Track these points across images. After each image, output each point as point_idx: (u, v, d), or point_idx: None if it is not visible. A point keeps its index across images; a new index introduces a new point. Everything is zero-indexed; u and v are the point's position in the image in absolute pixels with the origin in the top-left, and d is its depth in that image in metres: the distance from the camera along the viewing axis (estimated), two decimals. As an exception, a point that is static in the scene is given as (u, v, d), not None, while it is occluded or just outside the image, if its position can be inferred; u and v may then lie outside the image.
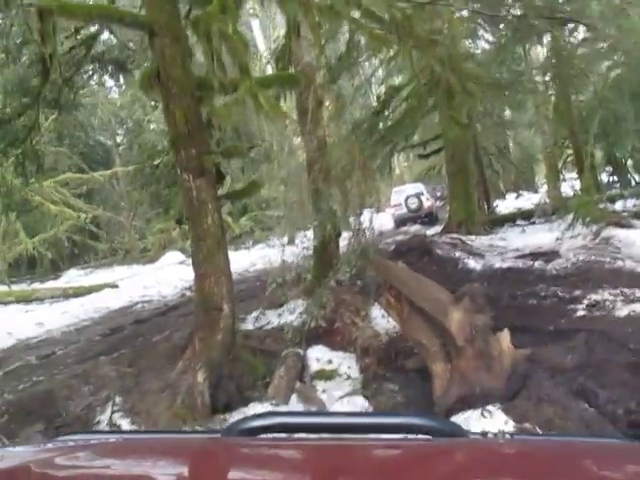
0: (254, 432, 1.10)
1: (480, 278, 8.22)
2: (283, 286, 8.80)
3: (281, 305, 7.11)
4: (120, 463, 1.06)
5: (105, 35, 8.53)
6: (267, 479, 0.97)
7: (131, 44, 8.20)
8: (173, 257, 16.44)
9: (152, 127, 18.28)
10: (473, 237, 11.74)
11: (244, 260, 14.16)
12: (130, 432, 2.16)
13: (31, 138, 7.20)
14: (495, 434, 1.13)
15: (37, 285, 17.48)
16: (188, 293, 11.27)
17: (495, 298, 6.44)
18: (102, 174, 14.23)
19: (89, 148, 20.01)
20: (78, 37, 7.30)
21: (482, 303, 4.24)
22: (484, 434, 1.14)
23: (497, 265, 9.11)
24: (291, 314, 6.64)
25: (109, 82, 17.84)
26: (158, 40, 4.50)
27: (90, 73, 9.42)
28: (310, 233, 20.14)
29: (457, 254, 10.58)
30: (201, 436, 1.43)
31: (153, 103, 18.99)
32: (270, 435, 1.12)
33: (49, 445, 1.18)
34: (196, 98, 4.59)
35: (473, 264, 9.51)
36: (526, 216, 13.91)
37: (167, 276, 13.27)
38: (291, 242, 18.46)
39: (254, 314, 6.96)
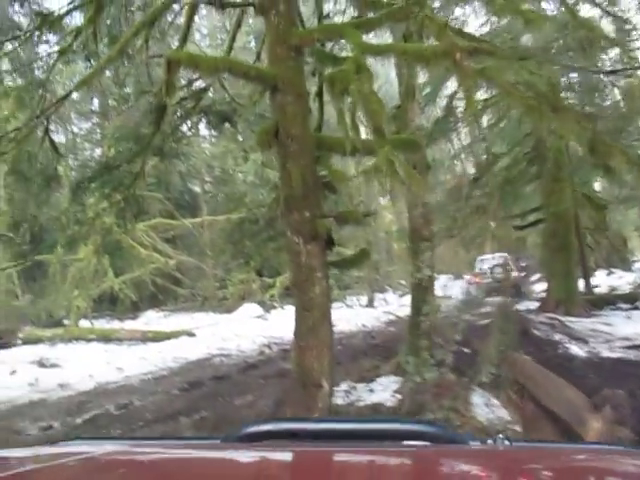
0: (253, 438, 1.10)
1: (585, 367, 7.47)
2: (371, 356, 8.35)
3: (372, 380, 6.65)
4: (120, 470, 1.05)
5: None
6: None
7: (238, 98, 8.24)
8: (251, 309, 16.30)
9: (241, 178, 18.53)
10: (573, 319, 10.93)
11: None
12: (130, 439, 2.03)
13: (135, 184, 7.24)
14: (494, 441, 1.13)
15: (116, 323, 17.78)
16: (267, 351, 10.97)
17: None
18: (192, 221, 14.42)
19: (178, 194, 20.53)
20: (190, 89, 7.40)
21: (626, 414, 3.66)
22: (483, 441, 1.15)
23: (605, 354, 8.30)
24: (384, 391, 6.17)
25: (203, 131, 18.42)
26: (280, 96, 4.33)
27: (195, 123, 9.54)
28: (390, 297, 19.42)
29: (557, 337, 9.81)
30: (201, 443, 1.37)
31: (243, 154, 19.43)
32: (269, 441, 1.11)
33: (49, 451, 1.18)
34: (314, 158, 4.35)
35: (576, 350, 8.72)
36: (628, 299, 12.88)
37: (246, 330, 13.05)
38: (370, 304, 17.94)
39: (343, 386, 6.50)
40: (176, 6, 6.11)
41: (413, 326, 7.11)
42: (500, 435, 1.18)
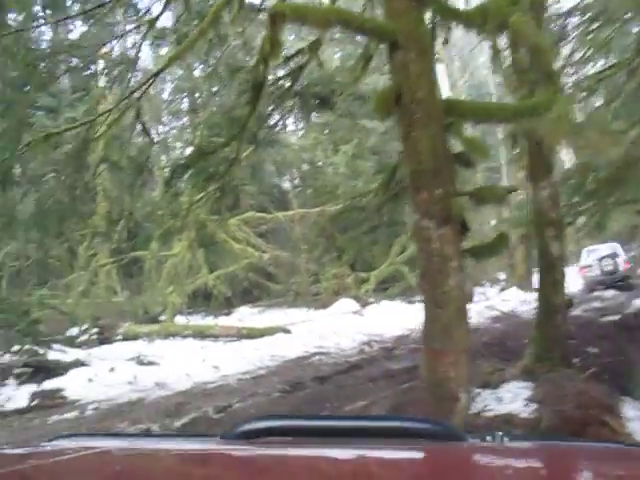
0: (252, 435, 1.09)
1: None
2: (487, 357, 7.50)
3: (497, 385, 5.83)
4: (118, 467, 1.05)
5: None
6: None
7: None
8: (346, 305, 15.71)
9: (332, 171, 18.00)
10: None
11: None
12: (128, 435, 2.15)
13: (230, 173, 6.79)
14: (494, 438, 1.11)
15: (210, 319, 17.74)
16: (367, 349, 10.31)
17: None
18: (285, 214, 14.00)
19: (269, 188, 20.30)
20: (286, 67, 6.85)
21: None
22: (483, 438, 1.13)
23: None
24: (514, 399, 5.36)
25: (290, 126, 18.06)
26: (402, 54, 3.63)
27: (288, 109, 9.03)
28: (489, 291, 18.09)
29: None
30: (199, 440, 1.31)
31: (333, 146, 18.88)
32: (267, 439, 1.09)
33: (47, 447, 1.18)
34: (444, 126, 3.63)
35: None
36: None
37: (343, 326, 12.46)
38: (469, 299, 16.77)
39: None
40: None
41: (542, 323, 6.22)
42: (500, 432, 1.14)
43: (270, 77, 6.94)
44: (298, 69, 7.07)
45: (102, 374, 8.42)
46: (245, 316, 17.80)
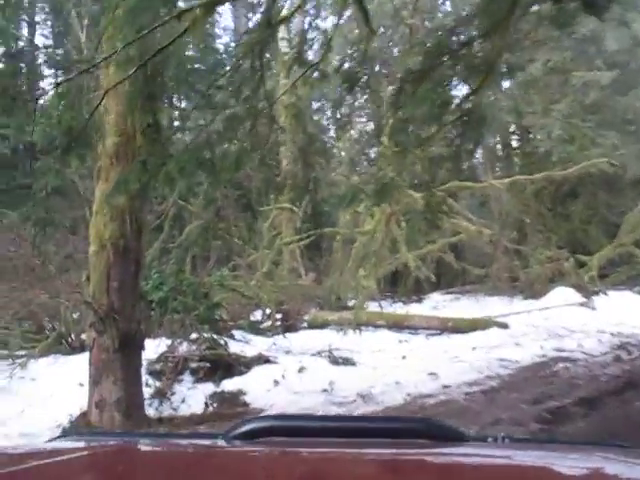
0: (254, 435, 1.08)
1: None
2: None
3: None
4: (120, 466, 1.05)
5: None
6: None
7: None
8: (565, 295, 12.93)
9: (542, 135, 15.13)
10: None
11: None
12: (130, 434, 1.90)
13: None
14: (495, 439, 1.13)
15: (399, 307, 15.95)
16: (624, 355, 7.74)
17: None
18: (496, 182, 11.60)
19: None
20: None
21: None
22: (484, 439, 1.16)
23: None
24: None
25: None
26: None
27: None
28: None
29: None
30: (201, 439, 1.34)
31: (543, 106, 15.90)
32: (269, 439, 1.09)
33: (49, 446, 1.19)
34: None
35: None
36: None
37: (573, 322, 9.90)
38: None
39: None
40: None
41: None
42: (500, 433, 1.15)
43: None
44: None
45: (290, 375, 6.92)
46: (439, 304, 15.74)
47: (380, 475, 0.97)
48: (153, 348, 6.82)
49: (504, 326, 9.97)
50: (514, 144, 18.04)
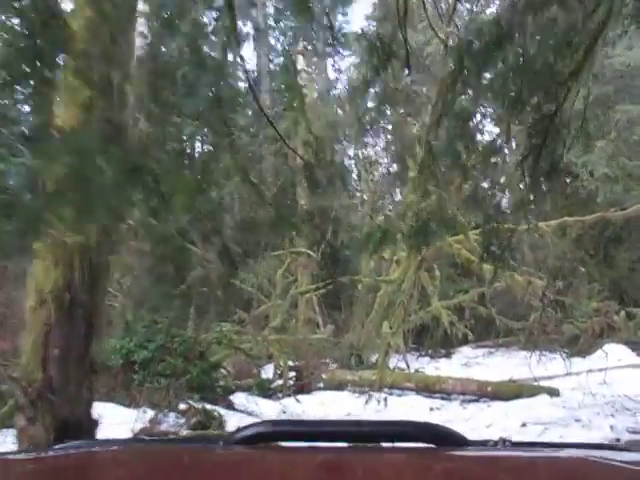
0: (253, 440, 1.09)
1: None
2: None
3: None
4: (121, 472, 1.06)
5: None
6: None
7: None
8: (616, 352, 11.38)
9: (586, 172, 13.84)
10: None
11: None
12: (131, 440, 1.99)
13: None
14: (496, 442, 1.14)
15: (426, 362, 14.44)
16: None
17: None
18: (547, 224, 10.20)
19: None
20: None
21: None
22: (485, 443, 1.15)
23: None
24: None
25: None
26: None
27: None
28: None
29: None
30: (201, 444, 1.37)
31: (586, 142, 14.63)
32: (267, 443, 1.11)
33: (51, 452, 1.20)
34: None
35: None
36: None
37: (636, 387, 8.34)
38: None
39: None
40: None
41: None
42: (501, 436, 1.16)
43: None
44: None
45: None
46: (470, 360, 14.23)
47: (379, 479, 0.97)
48: (131, 422, 5.57)
49: (554, 393, 8.47)
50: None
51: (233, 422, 6.49)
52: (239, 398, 8.43)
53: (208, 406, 6.34)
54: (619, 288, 15.01)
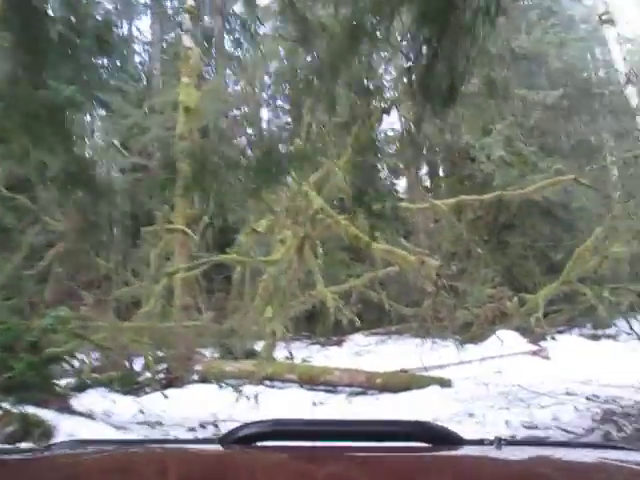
0: (251, 439, 1.08)
1: None
2: None
3: None
4: (118, 471, 1.04)
5: None
6: None
7: None
8: (510, 339, 11.07)
9: (483, 155, 13.51)
10: None
11: None
12: (127, 441, 1.90)
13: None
14: (492, 441, 1.11)
15: (316, 350, 13.65)
16: (615, 433, 5.71)
17: None
18: (444, 202, 9.49)
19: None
20: None
21: None
22: (481, 441, 1.13)
23: None
24: None
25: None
26: None
27: None
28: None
29: None
30: (198, 444, 1.35)
31: (483, 124, 14.31)
32: (265, 442, 1.09)
33: (46, 453, 1.17)
34: None
35: None
36: None
37: (533, 379, 7.88)
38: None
39: None
40: None
41: None
42: (496, 435, 1.12)
43: None
44: None
45: None
46: (361, 348, 13.53)
47: (378, 478, 0.97)
48: None
49: (446, 384, 7.83)
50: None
51: (66, 428, 5.25)
52: (91, 396, 7.13)
53: (32, 410, 5.05)
54: (510, 274, 14.94)
